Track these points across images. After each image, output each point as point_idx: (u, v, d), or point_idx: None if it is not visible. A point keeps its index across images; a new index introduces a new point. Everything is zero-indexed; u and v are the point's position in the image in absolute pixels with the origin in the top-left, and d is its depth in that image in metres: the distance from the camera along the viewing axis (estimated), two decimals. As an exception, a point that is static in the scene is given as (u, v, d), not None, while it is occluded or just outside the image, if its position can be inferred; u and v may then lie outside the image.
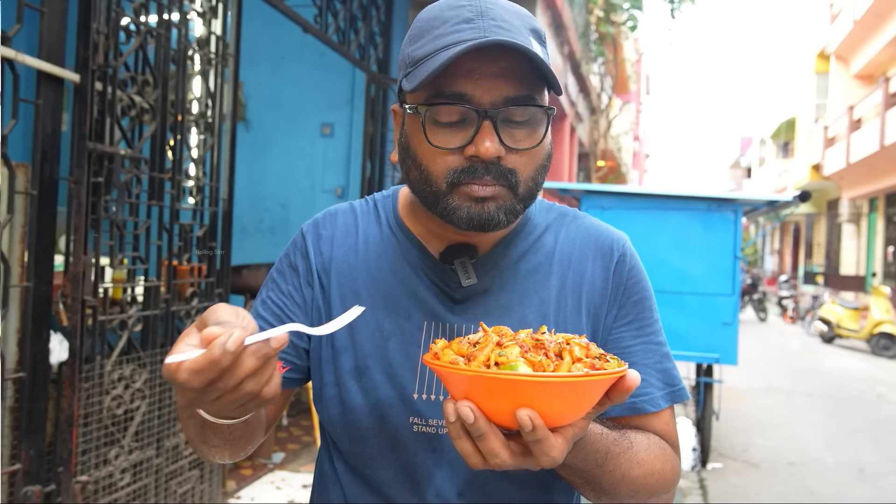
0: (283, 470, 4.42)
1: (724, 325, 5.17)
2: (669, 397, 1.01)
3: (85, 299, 2.57)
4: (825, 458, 5.97)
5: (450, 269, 0.99)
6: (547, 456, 0.72)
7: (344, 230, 1.05)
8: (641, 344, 1.02)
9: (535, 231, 1.04)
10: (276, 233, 6.75)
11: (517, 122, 0.88)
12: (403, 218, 1.05)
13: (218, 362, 0.64)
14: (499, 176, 0.88)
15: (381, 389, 0.97)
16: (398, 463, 0.98)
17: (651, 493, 0.95)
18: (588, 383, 0.70)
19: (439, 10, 0.89)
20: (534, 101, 0.88)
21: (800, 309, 17.86)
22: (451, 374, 0.72)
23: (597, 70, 13.48)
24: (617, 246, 1.05)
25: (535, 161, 0.91)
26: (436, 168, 0.89)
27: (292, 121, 6.65)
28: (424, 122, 0.88)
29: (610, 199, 5.41)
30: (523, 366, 0.71)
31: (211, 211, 3.39)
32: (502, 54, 0.85)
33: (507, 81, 0.86)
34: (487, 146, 0.85)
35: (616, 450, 0.88)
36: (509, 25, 0.85)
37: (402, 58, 0.92)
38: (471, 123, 0.87)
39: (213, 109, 3.36)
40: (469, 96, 0.86)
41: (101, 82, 2.60)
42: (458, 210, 0.89)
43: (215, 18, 3.33)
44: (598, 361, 0.74)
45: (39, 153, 2.44)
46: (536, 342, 0.75)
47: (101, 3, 2.56)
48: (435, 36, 0.86)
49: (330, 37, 4.72)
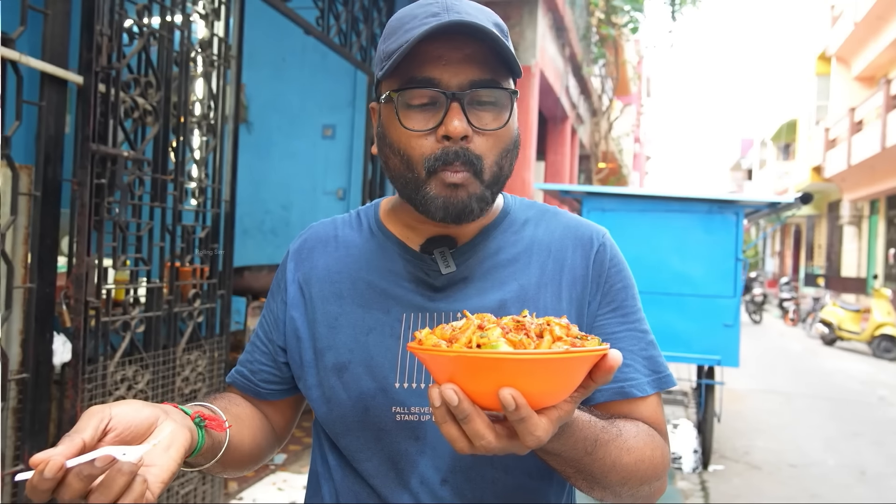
0: (284, 471, 4.43)
1: (726, 327, 5.17)
2: (656, 383, 1.03)
3: (88, 300, 2.57)
4: (827, 460, 5.97)
5: (430, 259, 1.03)
6: (531, 435, 0.72)
7: (323, 240, 1.11)
8: (627, 331, 1.04)
9: (515, 224, 1.08)
10: (278, 234, 6.76)
11: (484, 103, 0.94)
12: (384, 221, 1.10)
13: (36, 487, 0.66)
14: (466, 162, 0.93)
15: (362, 382, 1.00)
16: (382, 453, 1.00)
17: (642, 481, 0.95)
18: (569, 360, 0.70)
19: (409, 9, 0.96)
20: (498, 85, 0.94)
21: (801, 311, 17.85)
22: (433, 358, 0.73)
23: (598, 72, 13.49)
24: (597, 237, 1.08)
25: (500, 145, 0.96)
26: (413, 153, 0.94)
27: (294, 122, 6.67)
28: (397, 107, 0.94)
29: (611, 200, 5.42)
30: (504, 345, 0.71)
31: (213, 212, 3.39)
32: (467, 42, 0.92)
33: (473, 66, 0.92)
34: (456, 125, 0.91)
35: (605, 437, 0.89)
36: (472, 17, 0.91)
37: (378, 55, 0.98)
38: (440, 106, 0.93)
39: (215, 111, 3.37)
40: (437, 80, 0.92)
41: (105, 84, 2.61)
42: (435, 200, 0.94)
43: (218, 20, 3.34)
44: (578, 341, 0.75)
45: (43, 155, 2.44)
46: (517, 323, 0.76)
47: (105, 5, 2.57)
48: (405, 30, 0.92)
49: (332, 39, 4.74)
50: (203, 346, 3.28)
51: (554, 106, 9.69)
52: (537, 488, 1.02)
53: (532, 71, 6.82)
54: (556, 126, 10.85)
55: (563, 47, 9.11)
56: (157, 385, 2.94)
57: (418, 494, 0.98)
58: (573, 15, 9.44)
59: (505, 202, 1.12)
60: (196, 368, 3.22)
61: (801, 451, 6.17)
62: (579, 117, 12.46)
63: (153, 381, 2.92)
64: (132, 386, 2.80)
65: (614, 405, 1.01)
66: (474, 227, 1.06)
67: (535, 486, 1.01)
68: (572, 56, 9.93)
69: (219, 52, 3.35)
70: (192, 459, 0.86)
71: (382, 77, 0.95)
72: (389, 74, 0.94)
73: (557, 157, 10.98)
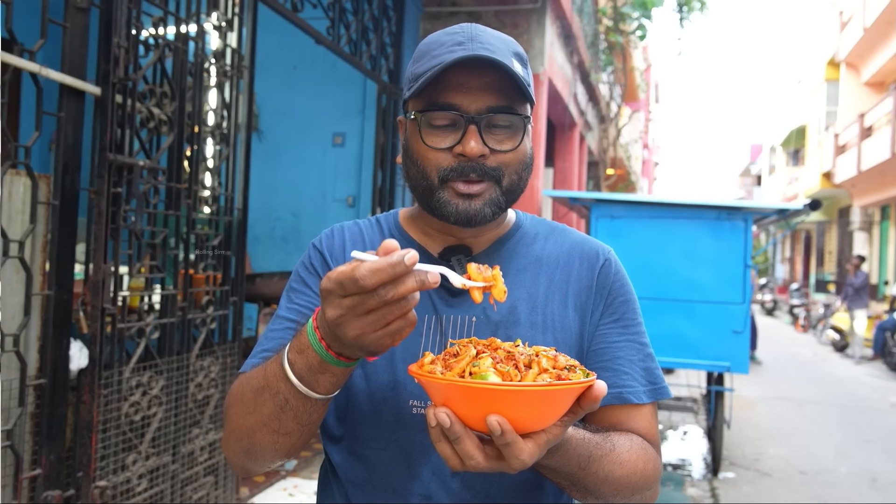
0: (295, 477, 4.45)
1: (735, 334, 5.17)
2: (652, 393, 1.10)
3: (104, 307, 2.62)
4: (838, 467, 5.94)
5: (447, 266, 1.07)
6: (517, 459, 0.78)
7: (352, 240, 1.17)
8: (626, 341, 1.11)
9: (526, 237, 1.17)
10: (288, 241, 6.80)
11: (499, 128, 1.03)
12: (404, 227, 1.18)
13: (395, 266, 0.73)
14: (483, 173, 1.02)
15: (382, 374, 1.06)
16: (396, 443, 1.05)
17: (634, 491, 1.02)
18: (550, 392, 0.77)
19: (437, 36, 1.06)
20: (513, 111, 1.03)
21: (811, 317, 17.75)
22: (430, 383, 0.80)
23: (606, 79, 13.51)
24: (602, 252, 1.17)
25: (514, 163, 1.05)
26: (429, 165, 1.03)
27: (304, 131, 6.72)
28: (421, 126, 1.03)
29: (620, 207, 5.43)
30: (493, 376, 0.79)
31: (226, 220, 3.44)
32: (487, 71, 1.00)
33: (491, 93, 1.01)
34: (472, 146, 1.00)
35: (598, 453, 0.95)
36: (494, 48, 1.01)
37: (407, 76, 1.08)
38: (459, 128, 1.02)
39: (228, 120, 3.42)
40: (458, 105, 1.01)
41: (121, 95, 2.66)
42: (448, 205, 1.03)
43: (231, 31, 3.40)
44: (564, 372, 0.81)
45: (61, 164, 2.49)
46: (508, 354, 0.84)
47: (122, 17, 2.62)
48: (432, 56, 1.02)
49: (342, 48, 4.79)
50: (216, 352, 3.32)
51: (562, 113, 9.71)
52: (541, 483, 1.09)
53: (541, 79, 6.85)
54: (565, 133, 10.87)
55: (572, 55, 9.14)
56: (171, 391, 2.98)
57: (429, 485, 1.04)
58: (581, 22, 9.48)
59: (517, 217, 1.20)
60: (209, 374, 3.26)
61: (812, 458, 6.15)
62: (588, 124, 12.48)
63: (167, 387, 2.96)
64: (147, 391, 2.84)
65: (612, 410, 1.08)
66: (488, 238, 1.14)
67: (540, 481, 1.09)
68: (580, 63, 9.96)
69: (232, 62, 3.40)
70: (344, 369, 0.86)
71: (409, 98, 1.05)
72: (416, 95, 1.04)
73: (566, 163, 11.00)
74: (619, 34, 12.21)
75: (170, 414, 2.97)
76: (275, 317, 1.12)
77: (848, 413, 8.14)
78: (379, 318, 0.76)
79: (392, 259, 0.74)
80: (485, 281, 0.86)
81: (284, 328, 1.09)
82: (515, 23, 6.70)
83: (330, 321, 0.78)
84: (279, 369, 0.88)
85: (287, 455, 0.99)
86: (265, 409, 0.91)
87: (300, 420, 0.91)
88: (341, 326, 0.78)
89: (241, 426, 0.96)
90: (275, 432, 0.93)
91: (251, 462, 1.01)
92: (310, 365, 0.85)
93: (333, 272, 0.76)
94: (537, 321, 1.08)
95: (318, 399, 0.88)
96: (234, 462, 1.03)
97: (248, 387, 0.96)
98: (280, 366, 0.88)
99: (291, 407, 0.89)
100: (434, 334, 1.07)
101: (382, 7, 5.59)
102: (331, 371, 0.85)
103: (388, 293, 0.74)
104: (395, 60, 5.85)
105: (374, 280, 0.73)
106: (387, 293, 0.74)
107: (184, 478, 3.09)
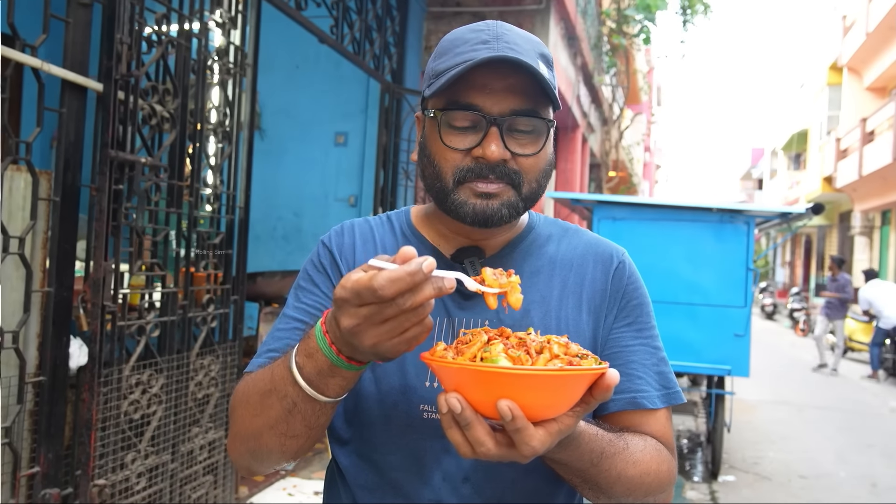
0: (295, 476, 4.44)
1: (736, 337, 5.16)
2: (665, 398, 1.08)
3: (105, 305, 2.60)
4: (838, 471, 5.93)
5: (460, 268, 1.07)
6: (527, 445, 0.77)
7: (362, 238, 1.14)
8: (640, 345, 1.09)
9: (539, 239, 1.14)
10: (290, 241, 6.79)
11: (522, 131, 0.99)
12: (417, 226, 1.14)
13: (414, 275, 0.71)
14: (502, 175, 0.99)
15: (393, 378, 1.04)
16: (407, 448, 1.03)
17: (647, 493, 1.00)
18: (562, 377, 0.76)
19: (462, 32, 1.02)
20: (536, 114, 0.99)
21: (811, 321, 17.73)
22: (441, 368, 0.79)
23: (609, 81, 13.51)
24: (617, 254, 1.14)
25: (536, 168, 1.02)
26: (446, 165, 1.00)
27: (306, 130, 6.71)
28: (440, 125, 1.00)
29: (622, 209, 5.42)
30: (504, 360, 0.77)
31: (228, 219, 3.42)
32: (512, 72, 0.96)
33: (515, 96, 0.97)
34: (493, 149, 0.97)
35: (611, 450, 0.94)
36: (520, 48, 0.97)
37: (427, 71, 1.04)
38: (480, 129, 0.98)
39: (230, 118, 3.40)
40: (480, 106, 0.97)
41: (124, 91, 2.64)
42: (465, 205, 1.00)
43: (234, 29, 3.38)
44: (576, 359, 0.80)
45: (62, 161, 2.48)
46: (520, 340, 0.83)
47: (125, 13, 2.61)
48: (456, 53, 0.98)
49: (345, 47, 4.78)
50: (216, 350, 3.30)
51: (565, 115, 9.70)
52: (553, 488, 1.07)
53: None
54: (567, 135, 10.87)
55: (575, 56, 9.13)
56: (171, 389, 2.97)
57: (440, 490, 1.02)
58: (585, 24, 9.47)
59: (530, 218, 1.17)
60: (209, 373, 3.24)
61: (812, 463, 6.13)
62: (590, 126, 12.48)
63: (167, 386, 2.94)
64: (146, 390, 2.83)
65: (626, 415, 1.06)
66: (501, 240, 1.11)
67: (551, 489, 1.07)
68: (584, 65, 9.96)
69: (235, 60, 3.39)
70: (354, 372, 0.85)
71: (430, 96, 1.01)
72: (437, 93, 1.00)
73: (568, 165, 11.00)
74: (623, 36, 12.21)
75: (169, 412, 2.96)
76: (282, 315, 1.10)
77: (848, 417, 8.13)
78: (396, 326, 0.75)
79: (410, 268, 0.72)
80: (500, 287, 0.84)
81: (292, 328, 1.07)
82: (519, 23, 6.68)
83: (346, 330, 0.77)
84: (287, 373, 0.87)
85: (294, 457, 0.98)
86: (272, 412, 0.90)
87: (308, 423, 0.89)
88: (358, 335, 0.76)
89: (248, 428, 0.95)
90: (282, 435, 0.91)
91: (257, 464, 1.00)
92: (319, 369, 0.83)
93: (348, 281, 0.74)
94: (551, 325, 1.06)
95: (327, 402, 0.87)
96: (240, 463, 1.02)
97: (255, 389, 0.94)
98: (288, 369, 0.86)
99: (300, 410, 0.87)
100: (446, 337, 1.05)
101: (386, 6, 5.58)
102: (341, 374, 0.84)
103: (406, 302, 0.73)
104: (398, 60, 5.84)
105: (393, 290, 0.72)
106: (405, 302, 0.73)
107: (183, 477, 3.07)
